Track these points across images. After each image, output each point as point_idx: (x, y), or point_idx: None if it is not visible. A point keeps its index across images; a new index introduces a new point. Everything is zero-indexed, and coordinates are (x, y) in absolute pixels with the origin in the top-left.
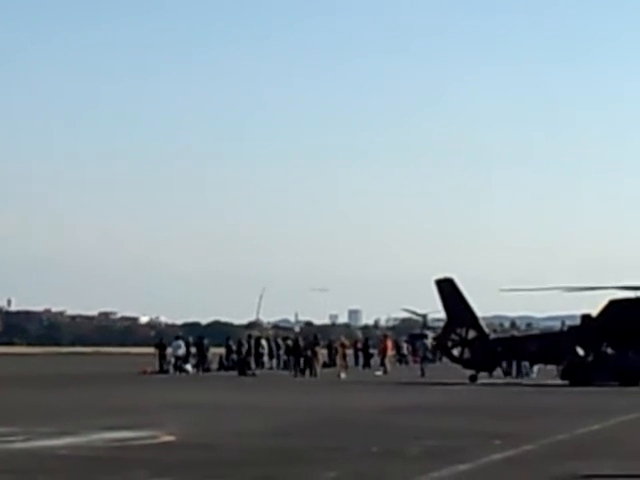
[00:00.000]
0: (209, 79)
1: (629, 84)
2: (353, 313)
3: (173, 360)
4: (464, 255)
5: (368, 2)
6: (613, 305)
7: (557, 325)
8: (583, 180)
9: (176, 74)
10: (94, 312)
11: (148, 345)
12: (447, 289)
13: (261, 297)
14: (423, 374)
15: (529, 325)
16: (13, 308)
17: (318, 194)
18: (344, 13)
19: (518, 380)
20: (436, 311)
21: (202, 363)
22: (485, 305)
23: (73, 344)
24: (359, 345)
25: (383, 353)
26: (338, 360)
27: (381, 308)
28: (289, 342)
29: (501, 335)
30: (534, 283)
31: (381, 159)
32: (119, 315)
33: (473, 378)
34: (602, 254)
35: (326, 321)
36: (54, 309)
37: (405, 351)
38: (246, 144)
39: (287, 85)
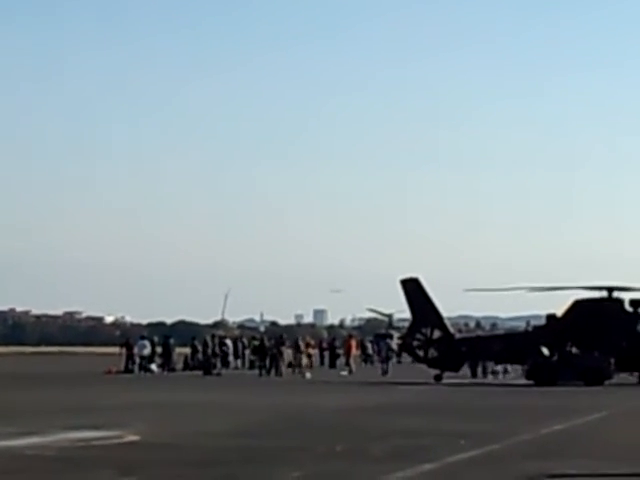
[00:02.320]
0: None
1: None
2: (318, 313)
3: (138, 360)
4: (429, 255)
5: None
6: (578, 305)
7: (522, 325)
8: (546, 182)
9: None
10: (59, 312)
11: (113, 345)
12: (412, 289)
13: (226, 297)
14: (385, 373)
15: (494, 325)
16: None
17: (283, 194)
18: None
19: (483, 380)
20: (401, 311)
21: (167, 363)
22: (450, 305)
23: (38, 344)
24: (324, 345)
25: (348, 353)
26: (303, 360)
27: (347, 308)
28: (255, 342)
29: (466, 335)
30: (499, 283)
31: (347, 158)
32: (84, 315)
33: (438, 378)
34: (567, 255)
35: (291, 321)
36: (19, 309)
37: (370, 351)
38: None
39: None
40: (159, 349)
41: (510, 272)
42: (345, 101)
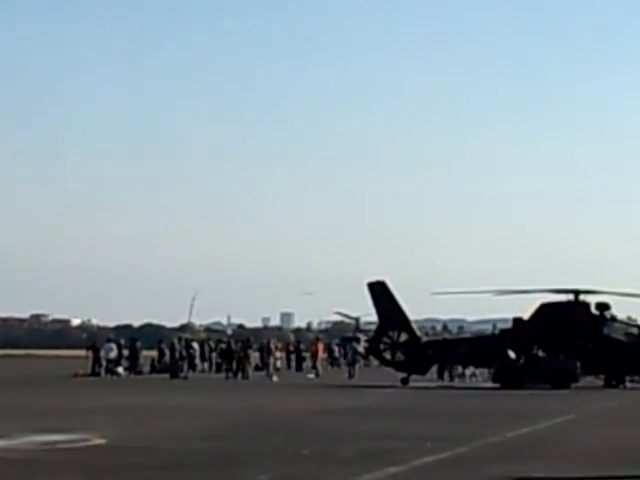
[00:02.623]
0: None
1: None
2: (285, 316)
3: (105, 363)
4: (396, 258)
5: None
6: (544, 308)
7: (489, 328)
8: (512, 183)
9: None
10: (25, 314)
11: (80, 348)
12: (379, 292)
13: (193, 300)
14: (351, 376)
15: (461, 328)
16: None
17: (251, 197)
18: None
19: (450, 383)
20: (368, 314)
21: (134, 366)
22: (417, 308)
23: (4, 347)
24: (291, 348)
25: (315, 356)
26: (277, 362)
27: (314, 311)
28: (222, 345)
29: (433, 338)
30: (466, 286)
31: (314, 161)
32: (51, 317)
33: (405, 381)
34: (533, 258)
35: (258, 324)
36: None
37: (337, 354)
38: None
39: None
40: (126, 352)
41: (477, 275)
42: (313, 103)
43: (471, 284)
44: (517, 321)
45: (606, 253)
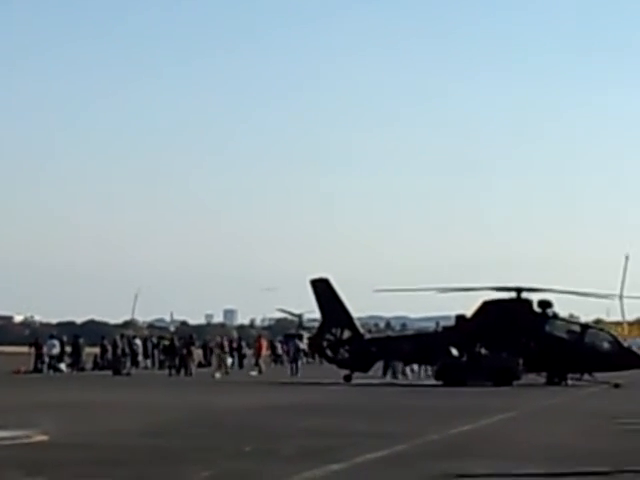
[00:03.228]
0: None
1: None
2: (229, 313)
3: (47, 359)
4: (339, 255)
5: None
6: (487, 306)
7: (432, 326)
8: (453, 181)
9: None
10: None
11: (22, 344)
12: (322, 289)
13: (136, 297)
14: (294, 373)
15: (404, 325)
16: None
17: (189, 193)
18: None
19: (393, 380)
20: (311, 311)
21: (77, 362)
22: (360, 305)
23: None
24: (233, 345)
25: (258, 353)
26: (213, 360)
27: (257, 308)
28: (165, 342)
29: (376, 335)
30: (409, 284)
31: (254, 159)
32: None
33: (348, 378)
34: (476, 255)
35: (201, 321)
36: None
37: (280, 351)
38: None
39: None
40: (68, 348)
41: (420, 273)
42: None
43: (414, 282)
44: (460, 318)
45: (548, 251)
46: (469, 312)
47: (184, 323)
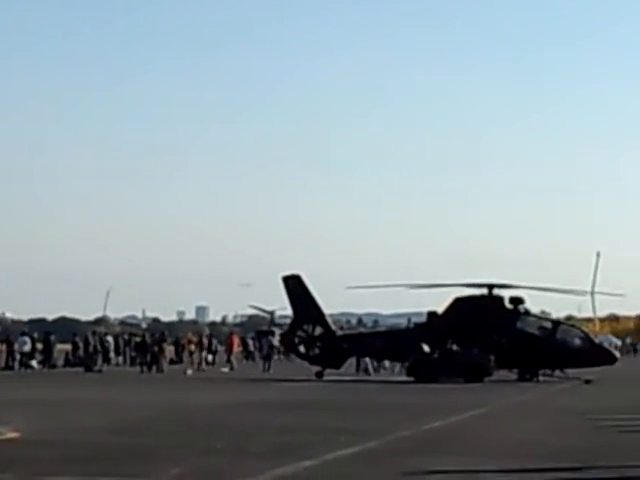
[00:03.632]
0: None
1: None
2: (201, 309)
3: (19, 356)
4: (311, 252)
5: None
6: (458, 302)
7: (403, 322)
8: (424, 180)
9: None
10: None
11: None
12: (294, 286)
13: (108, 293)
14: (266, 370)
15: (376, 322)
16: None
17: (155, 192)
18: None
19: (365, 377)
20: (283, 308)
21: (48, 359)
22: (332, 302)
23: None
24: (205, 341)
25: (229, 350)
26: (185, 357)
27: (229, 305)
28: (136, 338)
29: (348, 332)
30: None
31: (227, 157)
32: None
33: (319, 374)
34: (448, 252)
35: (173, 317)
36: None
37: (252, 348)
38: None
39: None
40: (40, 345)
41: (392, 269)
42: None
43: (386, 278)
44: (431, 315)
45: (520, 248)
46: (441, 309)
47: (156, 320)
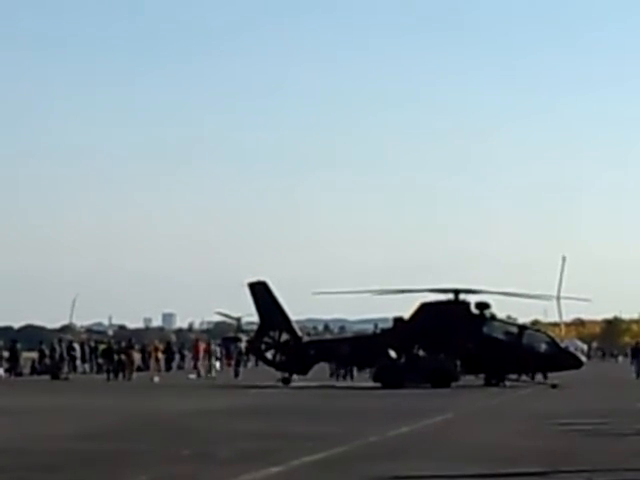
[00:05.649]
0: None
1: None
2: (167, 316)
3: None
4: (277, 258)
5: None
6: (425, 308)
7: (370, 328)
8: (395, 181)
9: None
10: None
11: None
12: (260, 292)
13: (74, 301)
14: (237, 375)
15: (342, 328)
16: None
17: (129, 195)
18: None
19: (332, 382)
20: (250, 314)
21: (14, 367)
22: (298, 308)
23: None
24: (174, 348)
25: (196, 356)
26: (151, 364)
27: (195, 311)
28: (102, 346)
29: (314, 338)
30: (346, 286)
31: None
32: None
33: (286, 381)
34: (414, 258)
35: (140, 325)
36: None
37: (218, 354)
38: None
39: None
40: (6, 353)
41: (358, 275)
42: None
43: (352, 284)
44: (398, 320)
45: (486, 252)
46: (407, 314)
47: (122, 327)
